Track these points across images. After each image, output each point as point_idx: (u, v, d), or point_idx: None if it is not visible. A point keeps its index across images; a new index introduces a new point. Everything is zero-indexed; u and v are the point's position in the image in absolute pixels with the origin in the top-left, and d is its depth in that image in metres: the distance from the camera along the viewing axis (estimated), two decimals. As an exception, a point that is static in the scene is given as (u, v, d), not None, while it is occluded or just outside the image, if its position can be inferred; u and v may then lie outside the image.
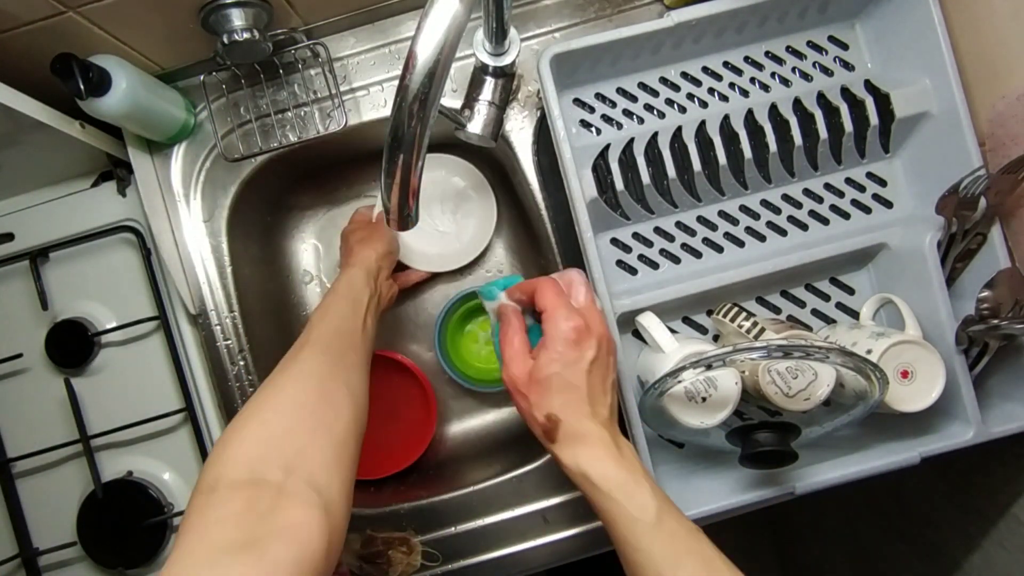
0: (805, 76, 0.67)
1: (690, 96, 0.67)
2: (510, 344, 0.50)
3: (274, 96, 0.70)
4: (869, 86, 0.64)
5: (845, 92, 0.64)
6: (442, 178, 0.80)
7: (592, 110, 0.67)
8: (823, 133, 0.64)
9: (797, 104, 0.64)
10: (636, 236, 0.66)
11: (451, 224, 0.81)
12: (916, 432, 0.61)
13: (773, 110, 0.64)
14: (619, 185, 0.63)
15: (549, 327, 0.48)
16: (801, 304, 0.67)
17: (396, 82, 0.42)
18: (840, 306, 0.67)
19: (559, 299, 0.49)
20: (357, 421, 0.48)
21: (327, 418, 0.45)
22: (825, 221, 0.67)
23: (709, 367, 0.51)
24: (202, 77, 0.68)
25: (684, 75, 0.67)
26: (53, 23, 0.54)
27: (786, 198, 0.67)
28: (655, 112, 0.67)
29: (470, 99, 0.65)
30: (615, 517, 0.45)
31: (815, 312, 0.67)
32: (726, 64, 0.67)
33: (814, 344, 0.51)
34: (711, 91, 0.67)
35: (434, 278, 0.82)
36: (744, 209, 0.67)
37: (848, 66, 0.67)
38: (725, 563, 0.44)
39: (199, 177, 0.70)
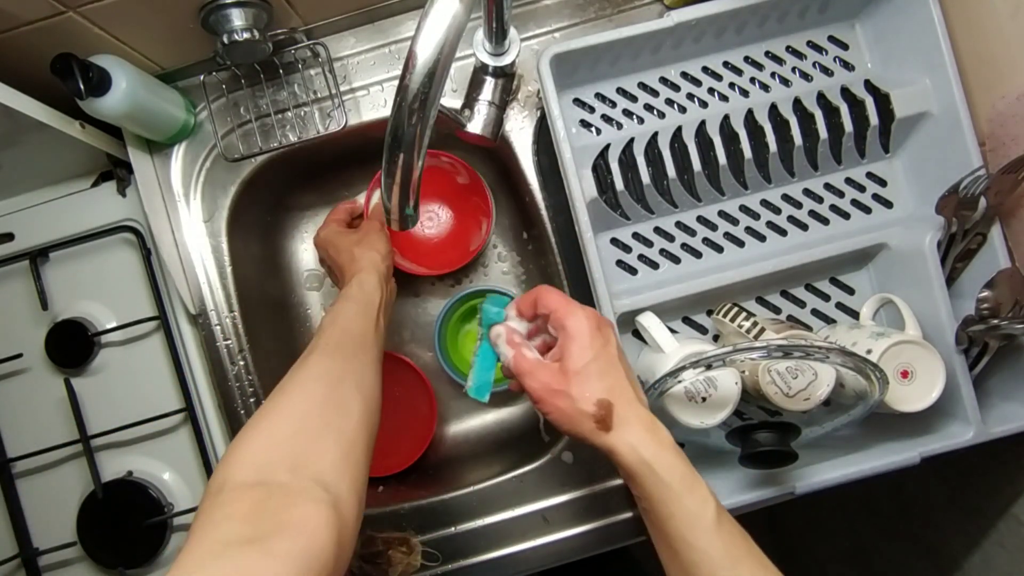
0: (805, 76, 0.67)
1: (690, 96, 0.67)
2: (525, 357, 0.49)
3: (274, 96, 0.70)
4: (869, 86, 0.64)
5: (845, 92, 0.64)
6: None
7: (592, 110, 0.67)
8: (823, 133, 0.64)
9: (797, 104, 0.64)
10: (636, 236, 0.66)
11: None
12: (916, 432, 0.61)
13: (773, 110, 0.64)
14: (619, 185, 0.63)
15: (569, 322, 0.47)
16: (801, 304, 0.67)
17: (396, 82, 0.42)
18: (840, 306, 0.67)
19: (564, 297, 0.49)
20: (368, 421, 0.47)
21: (335, 420, 0.44)
22: (825, 221, 0.67)
23: (709, 367, 0.51)
24: (202, 77, 0.68)
25: (684, 75, 0.67)
26: (53, 23, 0.54)
27: (786, 198, 0.67)
28: (655, 112, 0.67)
29: (470, 99, 0.65)
30: (673, 511, 0.43)
31: (815, 312, 0.67)
32: (726, 64, 0.67)
33: (814, 344, 0.51)
34: (711, 91, 0.67)
35: (434, 279, 0.82)
36: (744, 209, 0.67)
37: (848, 66, 0.67)
38: (775, 570, 0.43)
39: (199, 177, 0.70)
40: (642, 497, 0.45)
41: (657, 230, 0.66)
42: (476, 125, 0.64)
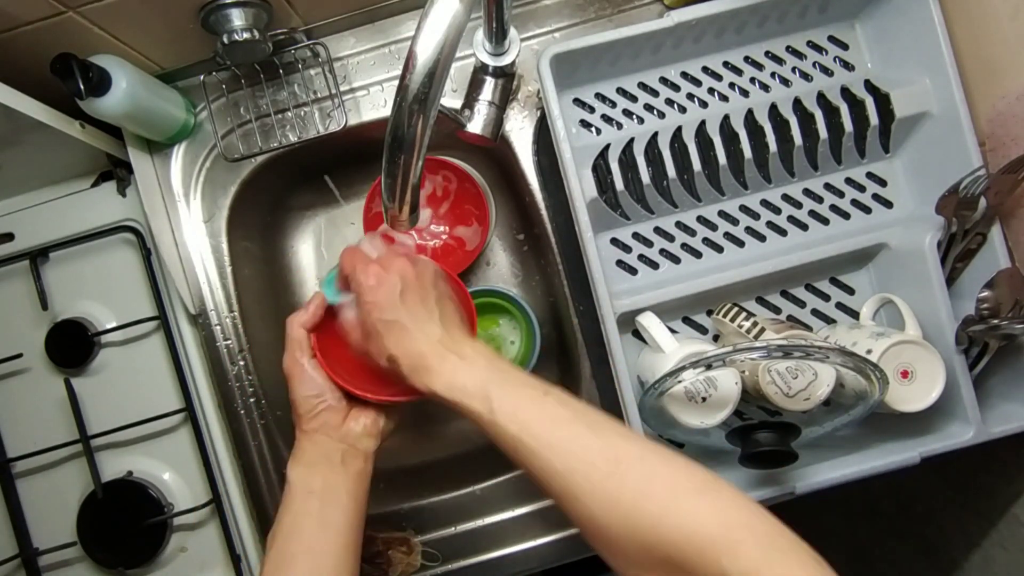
0: (805, 76, 0.67)
1: (690, 96, 0.67)
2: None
3: (274, 96, 0.70)
4: (869, 86, 0.64)
5: (845, 92, 0.64)
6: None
7: (592, 110, 0.67)
8: (823, 133, 0.64)
9: (797, 104, 0.64)
10: (636, 236, 0.66)
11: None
12: (916, 432, 0.61)
13: (773, 110, 0.64)
14: (619, 185, 0.63)
15: (354, 286, 0.52)
16: (801, 304, 0.67)
17: (396, 82, 0.42)
18: (840, 306, 0.67)
19: (355, 259, 0.52)
20: None
21: None
22: (825, 221, 0.67)
23: (709, 367, 0.51)
24: (202, 77, 0.68)
25: (684, 75, 0.67)
26: (53, 23, 0.54)
27: (786, 198, 0.67)
28: (655, 112, 0.67)
29: (470, 99, 0.65)
30: (472, 419, 0.46)
31: (815, 312, 0.67)
32: (726, 64, 0.67)
33: (814, 344, 0.51)
34: (711, 91, 0.67)
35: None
36: (744, 209, 0.67)
37: (848, 66, 0.67)
38: (573, 411, 0.44)
39: (199, 177, 0.70)
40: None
41: (657, 230, 0.66)
42: (476, 125, 0.64)
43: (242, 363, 0.70)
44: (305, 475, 0.51)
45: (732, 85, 0.67)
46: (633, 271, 0.66)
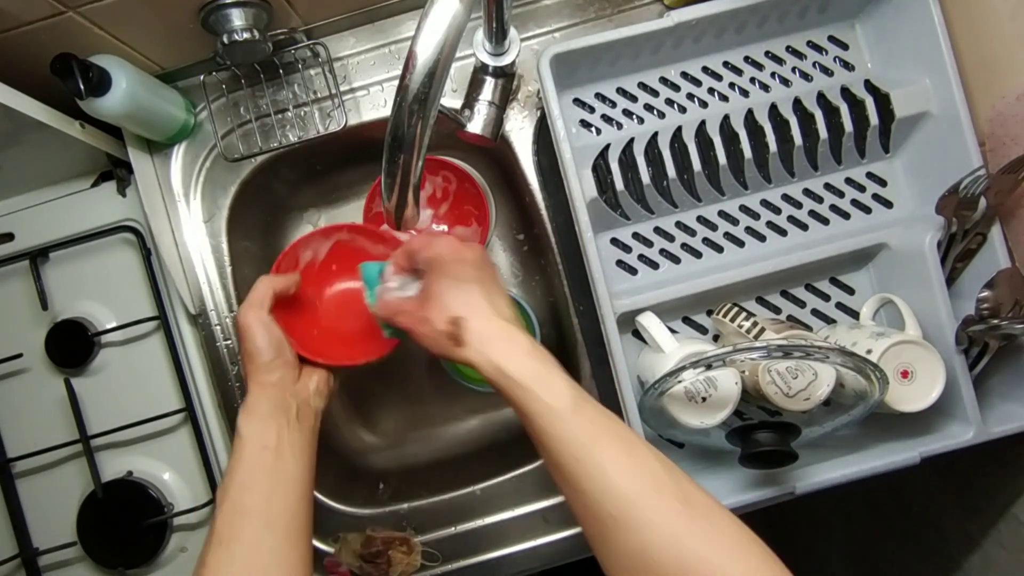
0: (805, 76, 0.67)
1: (690, 96, 0.67)
2: (387, 301, 0.53)
3: (274, 96, 0.70)
4: (869, 86, 0.64)
5: (845, 92, 0.64)
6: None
7: (592, 110, 0.67)
8: (823, 133, 0.64)
9: (797, 104, 0.64)
10: (636, 236, 0.66)
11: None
12: (916, 432, 0.61)
13: (773, 110, 0.64)
14: (619, 185, 0.63)
15: (426, 255, 0.51)
16: (801, 304, 0.67)
17: (396, 82, 0.42)
18: (840, 306, 0.67)
19: (427, 235, 0.53)
20: None
21: None
22: (825, 221, 0.67)
23: (709, 367, 0.51)
24: (202, 77, 0.68)
25: (684, 75, 0.67)
26: (53, 23, 0.54)
27: (786, 198, 0.67)
28: (655, 112, 0.67)
29: (470, 99, 0.65)
30: (532, 408, 0.44)
31: (815, 312, 0.67)
32: (726, 64, 0.67)
33: (814, 344, 0.51)
34: (711, 91, 0.67)
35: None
36: (744, 209, 0.67)
37: (848, 66, 0.67)
38: (645, 445, 0.43)
39: (199, 177, 0.70)
40: (510, 404, 0.46)
41: (657, 230, 0.66)
42: (476, 125, 0.64)
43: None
44: (260, 429, 0.50)
45: (732, 85, 0.67)
46: (633, 271, 0.66)
